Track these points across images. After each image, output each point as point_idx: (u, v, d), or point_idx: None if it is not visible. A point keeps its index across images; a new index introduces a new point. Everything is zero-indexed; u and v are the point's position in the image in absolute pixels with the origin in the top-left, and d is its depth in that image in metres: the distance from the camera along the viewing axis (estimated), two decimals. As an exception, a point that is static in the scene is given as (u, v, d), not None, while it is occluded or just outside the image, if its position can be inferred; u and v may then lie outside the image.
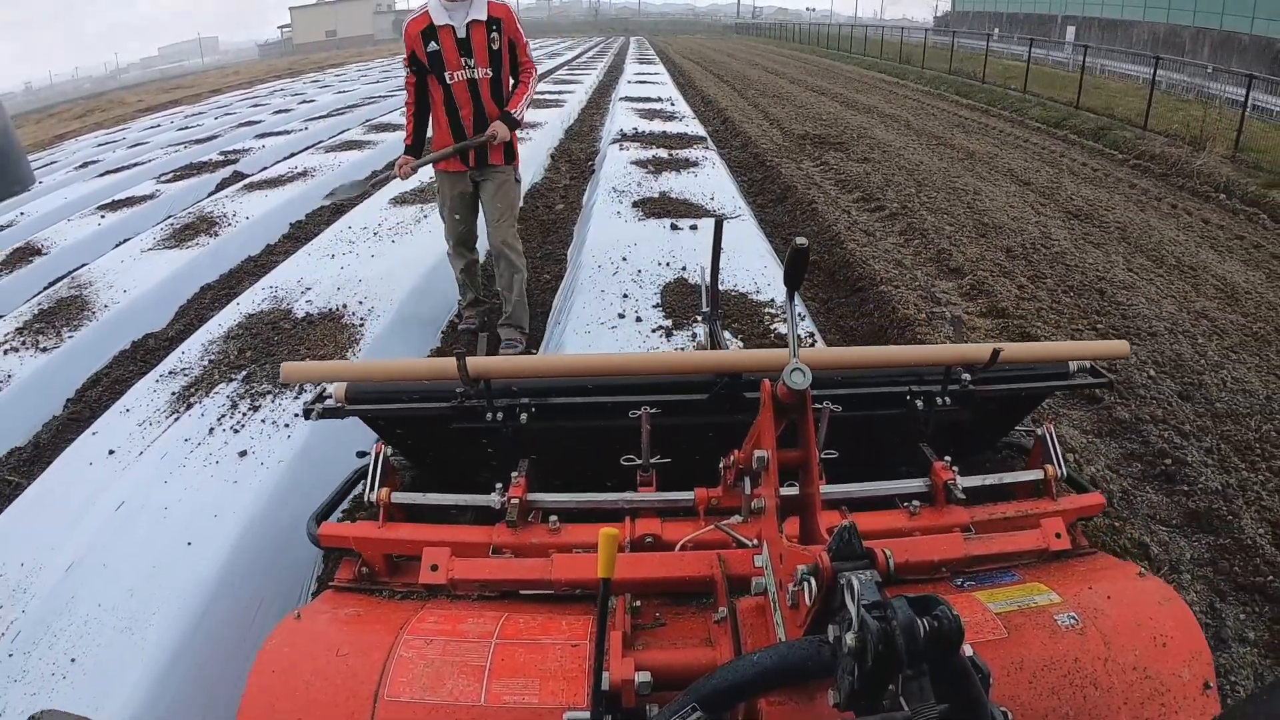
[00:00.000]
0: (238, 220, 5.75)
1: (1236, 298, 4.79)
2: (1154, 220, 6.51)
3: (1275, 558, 2.55)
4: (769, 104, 13.16)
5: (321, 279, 4.07)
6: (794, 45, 35.79)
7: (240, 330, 3.51)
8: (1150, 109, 11.18)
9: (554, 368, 1.63)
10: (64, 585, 2.07)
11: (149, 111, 21.91)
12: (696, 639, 1.13)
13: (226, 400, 2.83)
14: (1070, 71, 16.36)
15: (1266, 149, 9.66)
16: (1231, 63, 17.68)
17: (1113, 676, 1.09)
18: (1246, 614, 2.39)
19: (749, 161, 8.59)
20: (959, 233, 5.37)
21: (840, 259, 4.88)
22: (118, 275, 4.73)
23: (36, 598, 2.06)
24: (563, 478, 1.58)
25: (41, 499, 2.52)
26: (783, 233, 5.78)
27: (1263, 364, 3.88)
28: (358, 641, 1.12)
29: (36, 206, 8.27)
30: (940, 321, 3.92)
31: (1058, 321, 3.94)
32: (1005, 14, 30.91)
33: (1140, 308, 4.27)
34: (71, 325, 4.09)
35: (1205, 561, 2.54)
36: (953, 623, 0.68)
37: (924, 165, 7.77)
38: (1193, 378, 3.56)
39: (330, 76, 24.11)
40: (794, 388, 0.98)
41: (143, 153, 11.35)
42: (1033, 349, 1.73)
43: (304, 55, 46.48)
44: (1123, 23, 25.52)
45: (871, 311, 4.03)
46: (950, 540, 1.33)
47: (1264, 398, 3.52)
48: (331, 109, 13.63)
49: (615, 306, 3.62)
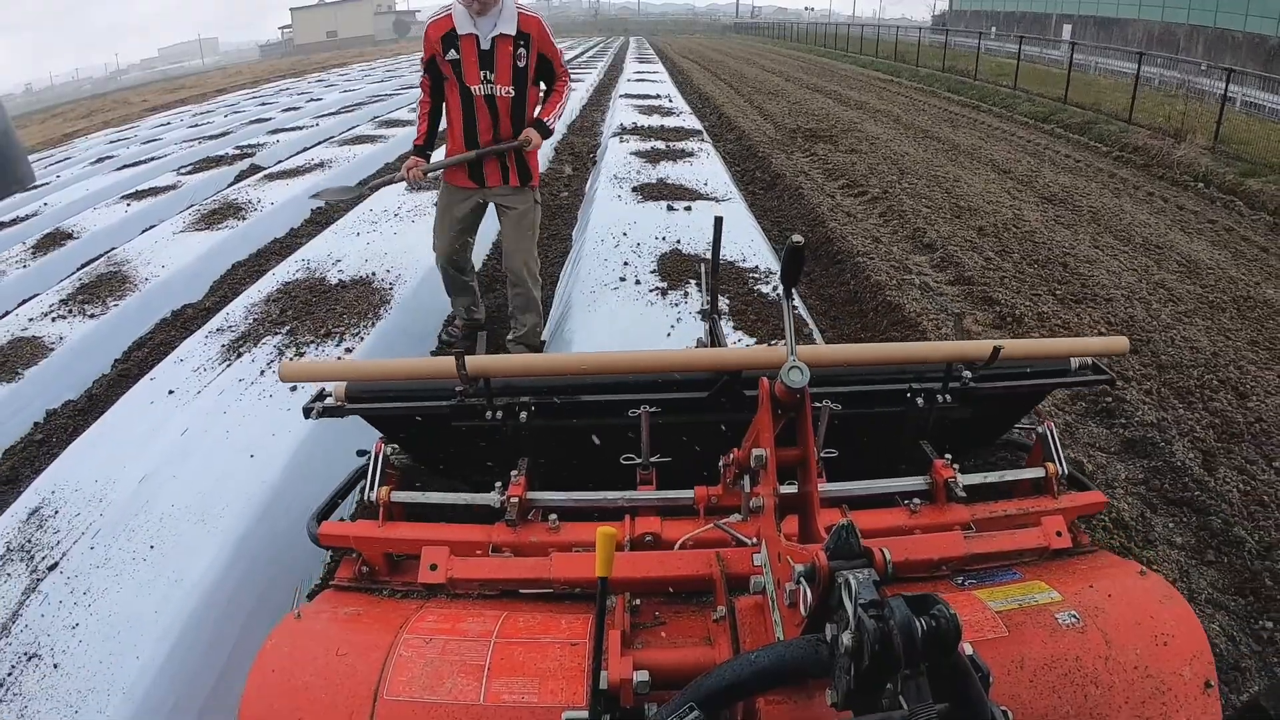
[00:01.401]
0: (262, 206, 6.11)
1: (1198, 272, 5.13)
2: (1128, 205, 6.86)
3: (1203, 478, 2.89)
4: (764, 100, 13.51)
5: (349, 253, 4.42)
6: (792, 45, 36.12)
7: (279, 295, 3.87)
8: (1134, 103, 11.48)
9: (553, 366, 1.63)
10: (139, 493, 2.42)
11: (156, 111, 22.26)
12: (696, 638, 1.14)
13: (274, 349, 3.19)
14: (1065, 69, 16.68)
15: (1248, 140, 9.97)
16: (1225, 59, 17.88)
17: (1114, 675, 1.09)
18: (1175, 523, 2.74)
19: (742, 153, 8.95)
20: (935, 214, 5.74)
21: (822, 236, 5.25)
22: (153, 254, 5.08)
23: (113, 504, 2.41)
24: (562, 476, 1.58)
25: (106, 432, 2.87)
26: (772, 216, 6.14)
27: (1213, 327, 4.23)
28: (357, 641, 1.13)
29: (59, 198, 8.60)
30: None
31: (1019, 288, 4.31)
32: (1002, 13, 31.20)
33: (1100, 278, 4.62)
34: (115, 296, 4.44)
35: (1139, 481, 2.89)
36: (951, 622, 0.69)
37: (908, 156, 8.13)
38: (1142, 335, 3.91)
39: (334, 76, 24.47)
40: (792, 386, 0.98)
41: (157, 149, 11.68)
42: (1033, 346, 1.74)
43: (305, 56, 46.77)
44: (1118, 21, 25.79)
45: (848, 280, 4.41)
46: (950, 538, 1.33)
47: (1210, 354, 3.86)
48: (340, 106, 14.00)
49: (617, 272, 3.97)
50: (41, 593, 2.10)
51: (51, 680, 1.84)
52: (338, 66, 30.44)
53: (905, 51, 22.87)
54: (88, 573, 2.14)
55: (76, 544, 2.25)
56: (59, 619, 2.01)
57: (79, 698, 1.79)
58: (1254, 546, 2.59)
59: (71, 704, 1.78)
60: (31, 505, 2.48)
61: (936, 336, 3.75)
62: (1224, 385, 3.56)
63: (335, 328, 3.44)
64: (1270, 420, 3.29)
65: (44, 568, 2.20)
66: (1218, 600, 2.40)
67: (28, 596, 2.10)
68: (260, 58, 55.99)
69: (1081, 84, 14.29)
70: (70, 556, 2.21)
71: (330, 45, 54.94)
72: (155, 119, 18.74)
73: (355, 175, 7.34)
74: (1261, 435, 3.20)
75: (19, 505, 2.52)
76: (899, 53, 23.07)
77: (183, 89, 31.46)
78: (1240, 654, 2.19)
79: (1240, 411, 3.35)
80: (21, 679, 1.85)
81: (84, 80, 54.88)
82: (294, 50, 55.52)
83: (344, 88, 18.63)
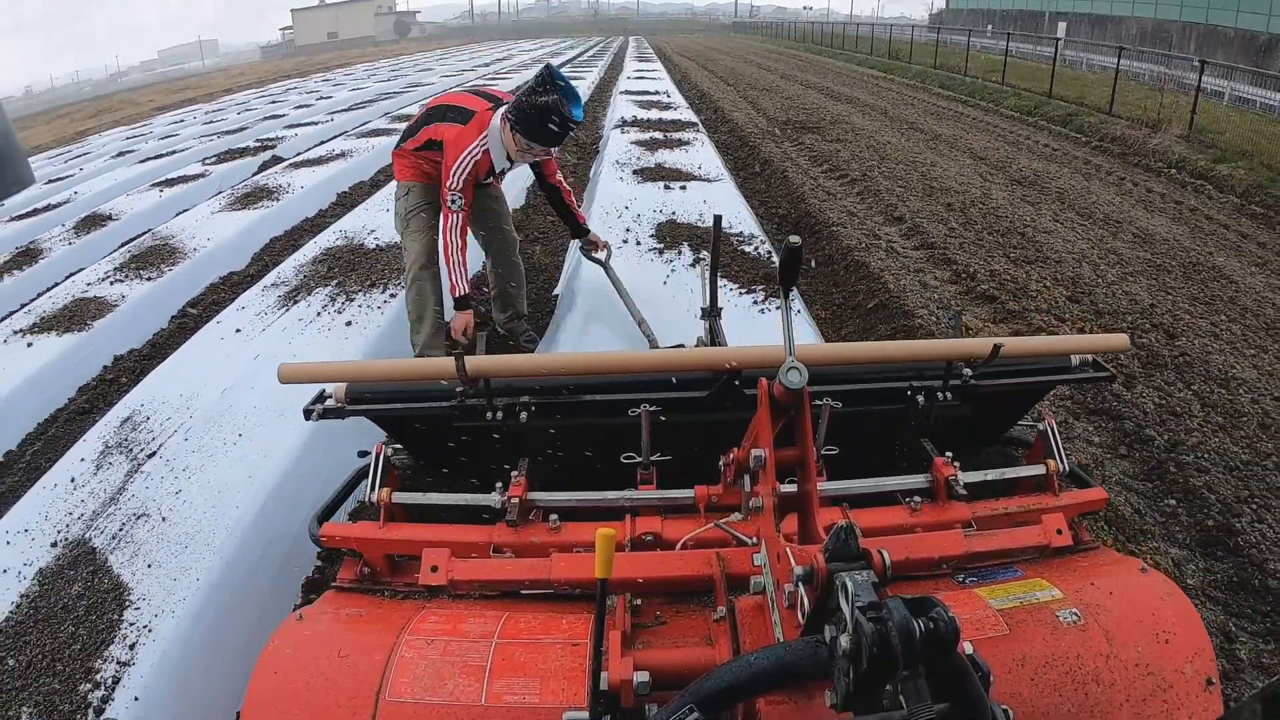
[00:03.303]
0: (292, 189, 6.61)
1: (1152, 242, 5.61)
2: (1096, 188, 7.34)
3: (1121, 393, 3.41)
4: (758, 96, 14.02)
5: (383, 225, 4.90)
6: (789, 43, 36.59)
7: (324, 257, 4.38)
8: (1115, 96, 11.92)
9: (553, 366, 1.63)
10: (222, 399, 2.92)
11: (165, 110, 22.73)
12: (697, 638, 1.14)
13: (326, 297, 3.71)
14: (1061, 66, 17.04)
15: (1223, 130, 10.40)
16: (1217, 55, 18.17)
17: (1115, 673, 1.09)
18: (1094, 427, 3.24)
19: (735, 144, 9.46)
20: (908, 193, 6.27)
21: (803, 211, 5.78)
22: (195, 230, 5.58)
23: (200, 409, 2.90)
24: (563, 476, 1.59)
25: (183, 361, 3.38)
26: (759, 196, 6.66)
27: (1156, 285, 4.72)
28: (359, 642, 1.15)
29: (87, 187, 9.10)
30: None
31: (975, 252, 4.83)
32: (998, 11, 31.60)
33: (1055, 245, 5.12)
34: (166, 264, 4.94)
35: (1065, 397, 3.38)
36: (949, 624, 0.69)
37: (891, 145, 8.65)
38: (1085, 289, 4.41)
39: (340, 75, 24.98)
40: (790, 387, 0.98)
41: (176, 143, 12.17)
42: (1033, 343, 1.75)
43: (307, 56, 47.15)
44: (1112, 18, 26.14)
45: (824, 246, 4.96)
46: (951, 537, 1.33)
47: (1148, 305, 4.35)
48: (351, 104, 14.50)
49: (620, 236, 4.47)
50: (144, 472, 2.59)
51: (161, 530, 2.31)
52: (341, 67, 30.94)
53: (900, 50, 23.33)
54: (185, 456, 2.63)
55: (171, 438, 2.74)
56: (163, 489, 2.48)
57: (187, 539, 2.25)
58: (1162, 443, 3.09)
59: (181, 544, 2.24)
60: (122, 416, 2.97)
61: (898, 289, 4.26)
62: (1156, 328, 4.05)
63: (379, 280, 3.93)
64: (1195, 356, 3.78)
65: (143, 456, 2.69)
66: (1128, 484, 2.89)
67: (131, 477, 2.58)
68: (261, 59, 56.43)
69: (1069, 79, 14.71)
70: (167, 446, 2.70)
71: (331, 46, 55.33)
72: (166, 117, 19.22)
73: (375, 165, 7.83)
74: (1184, 366, 3.69)
75: (110, 416, 3.01)
76: (893, 51, 23.52)
77: (187, 89, 31.92)
78: (1145, 523, 2.67)
79: (1167, 348, 3.85)
80: (133, 532, 2.31)
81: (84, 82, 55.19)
82: (295, 51, 55.92)
83: (352, 86, 19.15)
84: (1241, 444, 3.08)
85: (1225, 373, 3.61)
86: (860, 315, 4.19)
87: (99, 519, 2.37)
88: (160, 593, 2.05)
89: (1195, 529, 2.63)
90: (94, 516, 2.39)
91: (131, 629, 1.95)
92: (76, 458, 2.74)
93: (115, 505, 2.45)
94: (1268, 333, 4.15)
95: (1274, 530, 2.59)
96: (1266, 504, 2.72)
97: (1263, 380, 3.59)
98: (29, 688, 1.82)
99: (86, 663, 1.87)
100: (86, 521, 2.37)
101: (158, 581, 2.09)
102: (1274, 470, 2.92)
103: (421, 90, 15.91)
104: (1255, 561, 2.46)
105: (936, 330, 3.84)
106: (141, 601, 2.02)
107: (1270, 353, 3.90)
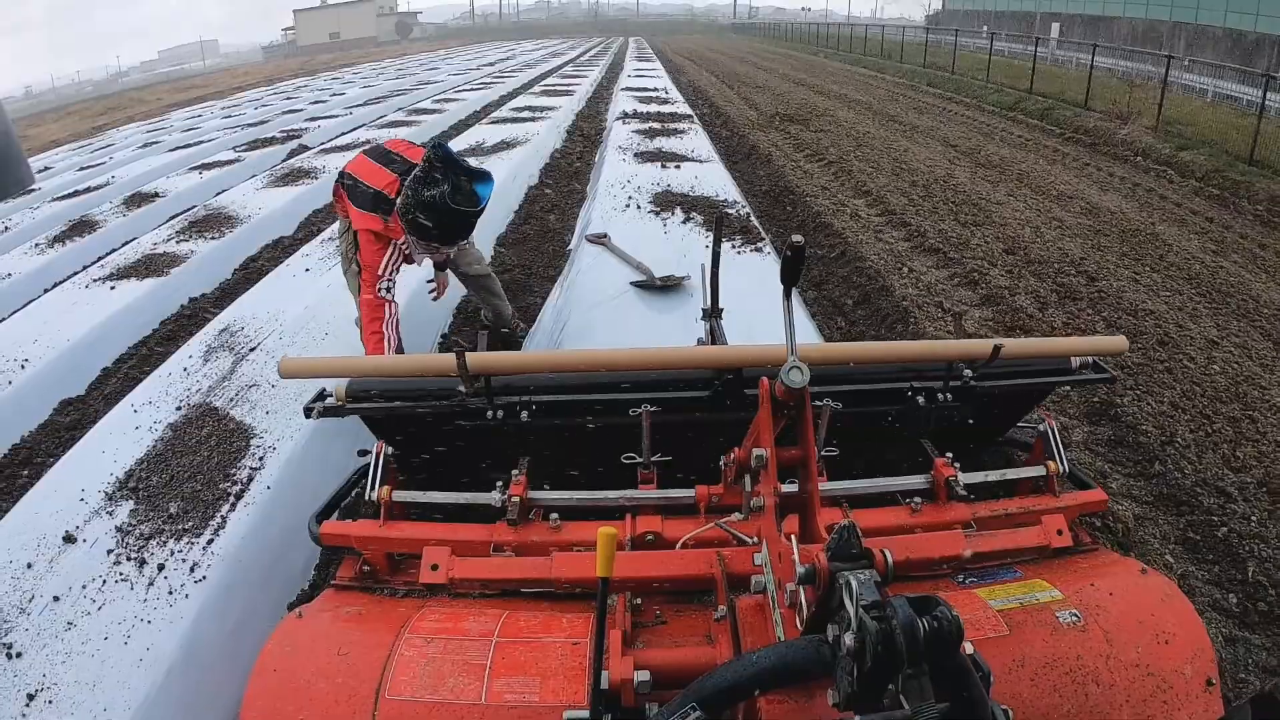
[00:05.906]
0: (327, 170, 7.31)
1: (1097, 213, 6.27)
2: (1057, 171, 8.02)
3: (1036, 315, 4.10)
4: (751, 93, 14.78)
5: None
6: (787, 44, 37.25)
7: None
8: (1090, 91, 12.49)
9: (554, 364, 1.63)
10: (304, 313, 3.64)
11: (178, 107, 23.37)
12: (697, 637, 1.15)
13: (376, 243, 4.39)
14: (1050, 65, 17.47)
15: (1192, 122, 10.97)
16: (1206, 54, 18.70)
17: (1115, 674, 1.09)
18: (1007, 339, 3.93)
19: (727, 135, 10.22)
20: (878, 173, 7.06)
21: (783, 188, 6.58)
22: (244, 203, 6.28)
23: (288, 320, 3.61)
24: (564, 475, 1.60)
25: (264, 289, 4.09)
26: (746, 176, 7.39)
27: (1090, 244, 5.40)
28: (359, 640, 1.15)
29: (124, 172, 9.77)
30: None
31: (929, 217, 5.61)
32: (994, 12, 32.20)
33: (1003, 214, 5.85)
34: (225, 228, 5.66)
35: (987, 320, 4.08)
36: (952, 623, 0.70)
37: (869, 134, 9.42)
38: (1021, 247, 5.12)
39: (349, 74, 25.70)
40: (792, 386, 0.98)
41: (200, 135, 12.84)
42: (1033, 345, 1.77)
43: (309, 57, 47.67)
44: (1104, 19, 26.64)
45: (798, 213, 5.74)
46: (951, 537, 1.34)
47: (1078, 258, 5.04)
48: (366, 99, 15.25)
49: (623, 204, 5.20)
50: (249, 360, 3.27)
51: (271, 393, 2.97)
52: (346, 66, 31.64)
53: (893, 49, 24.00)
54: (282, 349, 3.33)
55: (267, 339, 3.45)
56: (269, 369, 3.14)
57: (293, 399, 2.87)
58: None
59: (292, 397, 2.86)
60: (219, 328, 3.66)
61: (856, 243, 4.99)
62: (1080, 274, 4.75)
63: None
64: (1110, 293, 4.47)
65: (246, 350, 3.38)
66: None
67: (238, 364, 3.26)
68: (264, 59, 56.96)
69: (1051, 75, 15.24)
70: (264, 345, 3.40)
71: (333, 47, 55.85)
72: (181, 114, 19.87)
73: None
74: (1098, 300, 4.39)
75: (209, 329, 3.69)
76: (885, 50, 24.19)
77: (193, 88, 32.47)
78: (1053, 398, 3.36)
79: (1086, 287, 4.54)
80: (249, 395, 2.99)
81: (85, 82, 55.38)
82: (297, 51, 56.37)
83: (362, 83, 19.89)
84: (1138, 353, 3.74)
85: (1136, 306, 4.29)
86: (825, 264, 4.93)
87: (215, 390, 3.03)
88: (279, 426, 2.73)
89: (1083, 404, 3.36)
90: (210, 390, 3.04)
91: (260, 447, 2.63)
92: (185, 355, 3.42)
93: (228, 381, 3.10)
94: (1188, 281, 4.79)
95: (1153, 405, 3.30)
96: (1149, 390, 3.43)
97: (1170, 313, 4.24)
98: (174, 491, 2.41)
99: (225, 470, 2.53)
100: (204, 393, 3.02)
101: (276, 421, 2.77)
102: (1162, 371, 3.60)
103: (431, 88, 16.63)
104: (1130, 425, 3.17)
105: (886, 271, 4.54)
106: (265, 433, 2.71)
107: (1184, 294, 4.55)
